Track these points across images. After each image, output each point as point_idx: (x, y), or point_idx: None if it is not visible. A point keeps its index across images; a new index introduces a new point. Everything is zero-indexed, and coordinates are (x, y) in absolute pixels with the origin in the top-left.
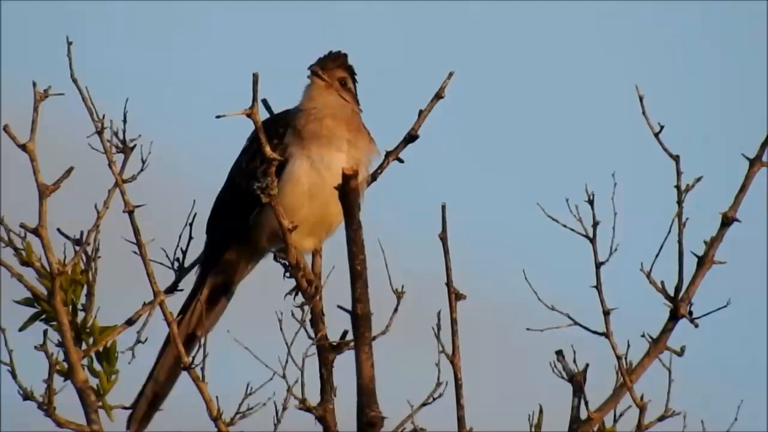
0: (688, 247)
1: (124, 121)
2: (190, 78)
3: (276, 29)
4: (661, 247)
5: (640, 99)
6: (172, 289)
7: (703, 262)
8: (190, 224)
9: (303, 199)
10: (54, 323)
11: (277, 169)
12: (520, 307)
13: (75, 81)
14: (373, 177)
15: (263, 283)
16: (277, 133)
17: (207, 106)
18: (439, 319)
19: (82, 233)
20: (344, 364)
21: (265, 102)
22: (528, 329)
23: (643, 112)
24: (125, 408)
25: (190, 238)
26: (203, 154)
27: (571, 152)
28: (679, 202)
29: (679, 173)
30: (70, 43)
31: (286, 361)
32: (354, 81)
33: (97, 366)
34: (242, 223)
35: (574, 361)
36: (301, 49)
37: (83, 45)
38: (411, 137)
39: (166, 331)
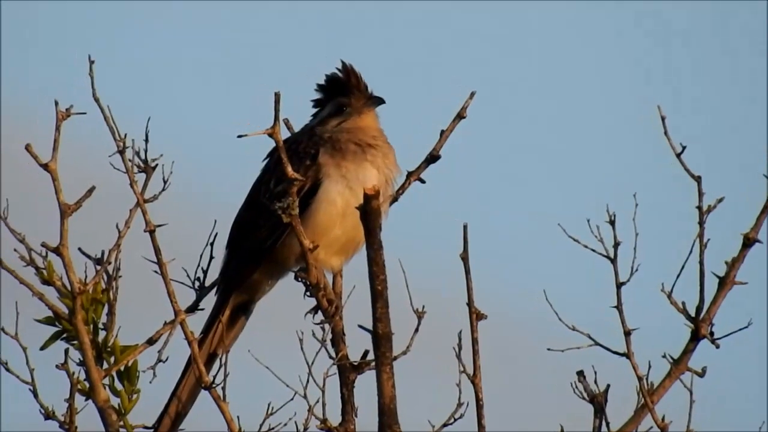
0: (709, 268)
1: (146, 141)
2: (212, 98)
3: (297, 49)
4: (683, 268)
5: (662, 119)
6: (193, 308)
7: (724, 282)
8: (211, 244)
9: (336, 219)
10: (75, 342)
11: (310, 188)
12: (541, 327)
13: (97, 100)
14: (395, 197)
15: (284, 302)
16: (308, 153)
17: (229, 126)
18: (460, 339)
19: (103, 252)
20: (365, 384)
21: (286, 121)
22: (549, 349)
23: (665, 133)
24: (147, 428)
25: (211, 257)
26: (224, 174)
27: (593, 173)
28: (701, 223)
29: (700, 194)
30: (92, 62)
31: (307, 381)
32: None
33: (118, 385)
34: (270, 244)
35: (595, 382)
36: (320, 66)
37: (105, 64)
38: (433, 157)
39: (186, 351)
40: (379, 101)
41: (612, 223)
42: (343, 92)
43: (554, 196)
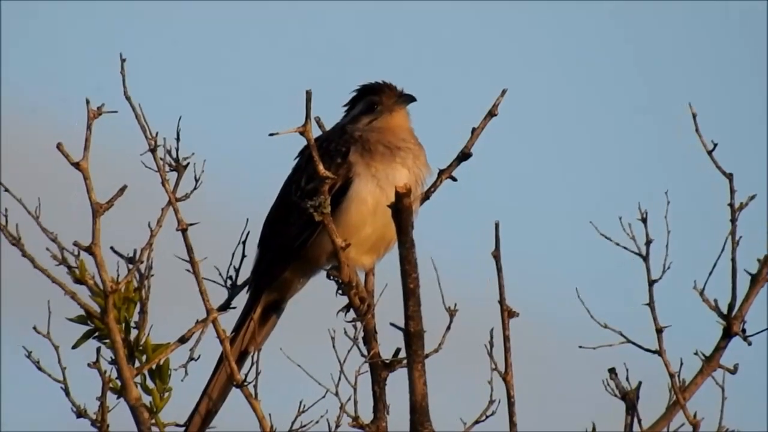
0: (741, 265)
1: (178, 139)
2: (243, 96)
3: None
4: (715, 265)
5: (694, 117)
6: (225, 306)
7: (756, 280)
8: (243, 242)
9: (367, 218)
10: (107, 341)
11: (340, 187)
12: (573, 325)
13: (128, 98)
14: (427, 195)
15: (316, 300)
16: (339, 152)
17: (260, 124)
18: (491, 337)
19: (135, 251)
20: (397, 382)
21: (317, 120)
22: (581, 347)
23: (697, 130)
24: (178, 425)
25: (243, 256)
26: (256, 172)
27: (624, 171)
28: (733, 220)
29: (732, 191)
30: (123, 61)
31: (339, 379)
32: None
33: (150, 383)
34: (302, 243)
35: (627, 379)
36: (350, 65)
37: (137, 62)
38: (464, 155)
39: (218, 349)
40: (410, 99)
41: (644, 220)
42: (374, 90)
43: (586, 194)
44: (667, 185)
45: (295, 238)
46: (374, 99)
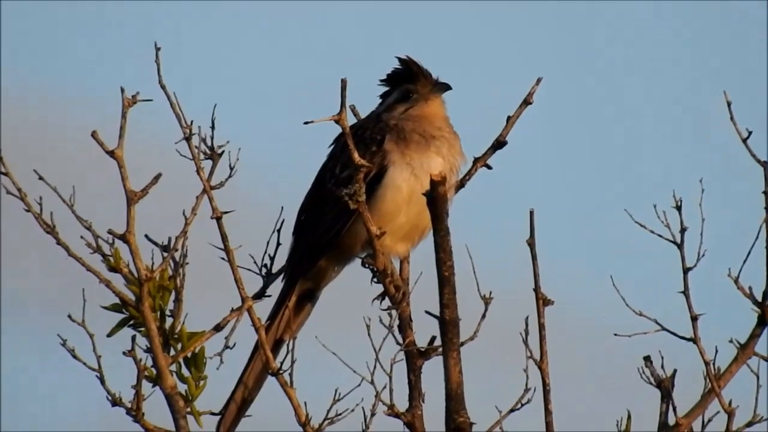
0: None
1: (212, 128)
2: (278, 84)
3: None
4: (749, 253)
5: (728, 104)
6: (260, 294)
7: None
8: (278, 230)
9: (401, 206)
10: (142, 329)
11: (375, 175)
12: (608, 313)
13: (163, 87)
14: (462, 183)
15: (351, 289)
16: (374, 140)
17: (295, 112)
18: (526, 325)
19: (169, 239)
20: (432, 370)
21: (352, 108)
22: (616, 335)
23: (731, 118)
24: (214, 414)
25: (278, 244)
26: (291, 160)
27: (659, 158)
28: (767, 208)
29: (767, 179)
30: (158, 49)
31: (374, 367)
32: None
33: (185, 372)
34: (337, 231)
35: (662, 367)
36: (382, 53)
37: (172, 52)
38: (499, 143)
39: (253, 337)
40: (446, 87)
41: (678, 208)
42: (409, 79)
43: (621, 182)
44: (702, 173)
45: (330, 227)
46: (410, 87)
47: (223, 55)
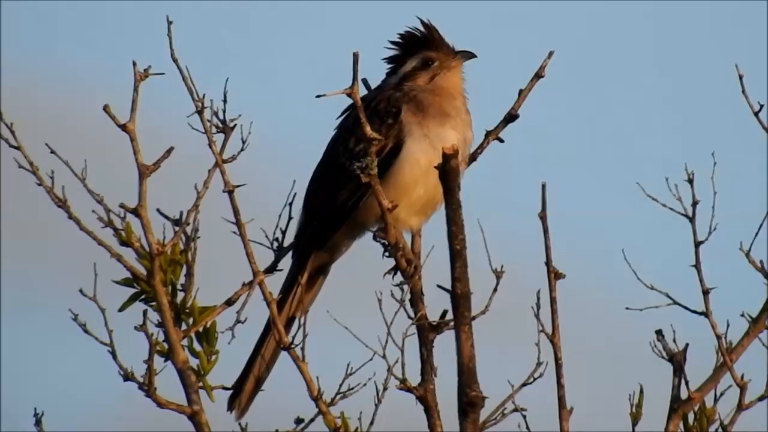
0: None
1: (225, 101)
2: (291, 57)
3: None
4: (761, 226)
5: (740, 78)
6: (271, 269)
7: None
8: (290, 204)
9: (419, 178)
10: (153, 304)
11: (392, 147)
12: (619, 287)
13: (175, 60)
14: (473, 157)
15: (363, 262)
16: (389, 112)
17: (306, 86)
18: (538, 299)
19: (181, 213)
20: (444, 344)
21: (365, 81)
22: (627, 308)
23: (743, 91)
24: (226, 388)
25: (290, 218)
26: (303, 134)
27: (671, 132)
28: None
29: None
30: (170, 23)
31: (386, 341)
32: None
33: (197, 346)
34: (351, 205)
35: (674, 341)
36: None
37: (184, 24)
38: (511, 117)
39: (265, 312)
40: (470, 55)
41: (690, 181)
42: (426, 45)
43: (632, 155)
44: (714, 146)
45: (345, 201)
46: (429, 55)
47: (235, 29)
